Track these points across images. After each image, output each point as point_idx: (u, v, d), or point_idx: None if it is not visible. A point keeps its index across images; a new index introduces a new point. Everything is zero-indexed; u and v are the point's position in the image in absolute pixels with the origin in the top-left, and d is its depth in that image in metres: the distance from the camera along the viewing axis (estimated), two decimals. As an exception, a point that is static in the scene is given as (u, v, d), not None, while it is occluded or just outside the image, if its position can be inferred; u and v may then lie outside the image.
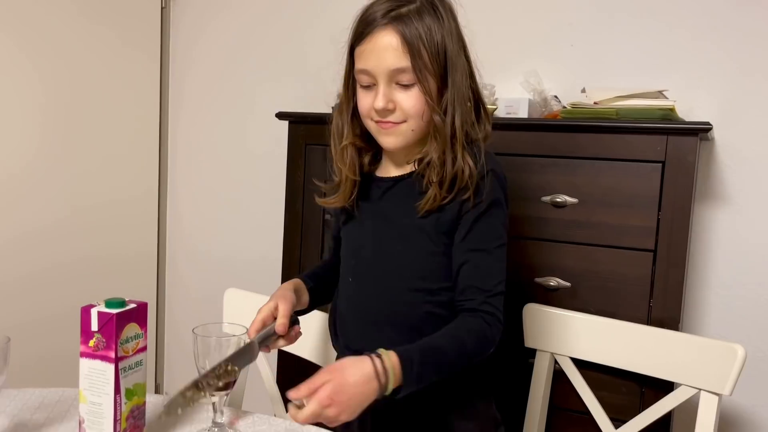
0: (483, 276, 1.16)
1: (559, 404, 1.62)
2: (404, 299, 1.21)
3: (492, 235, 1.18)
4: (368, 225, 1.26)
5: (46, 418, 1.25)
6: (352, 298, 1.29)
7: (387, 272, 1.23)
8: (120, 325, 1.05)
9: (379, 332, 1.23)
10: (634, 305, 1.53)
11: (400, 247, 1.21)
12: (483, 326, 1.13)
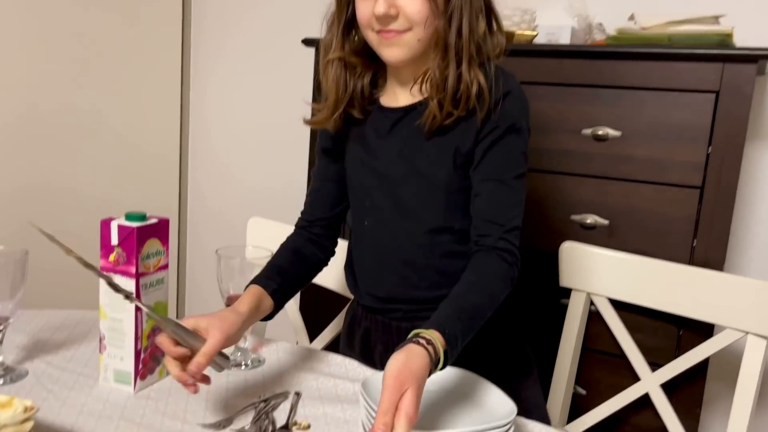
0: (498, 209, 1.07)
1: (591, 346, 1.57)
2: (425, 241, 1.14)
3: (508, 164, 1.07)
4: (380, 163, 1.15)
5: (66, 338, 1.22)
6: (369, 244, 1.21)
7: (405, 214, 1.14)
8: (141, 240, 1.00)
9: (401, 275, 1.17)
10: (676, 245, 1.46)
11: (416, 186, 1.12)
12: (505, 268, 1.05)
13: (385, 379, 0.79)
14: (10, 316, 1.03)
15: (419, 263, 1.15)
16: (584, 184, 1.54)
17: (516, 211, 1.08)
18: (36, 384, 1.03)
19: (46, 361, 1.12)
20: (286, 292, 1.13)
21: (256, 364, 1.16)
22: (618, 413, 1.43)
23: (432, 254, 1.14)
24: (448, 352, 0.88)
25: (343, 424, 0.98)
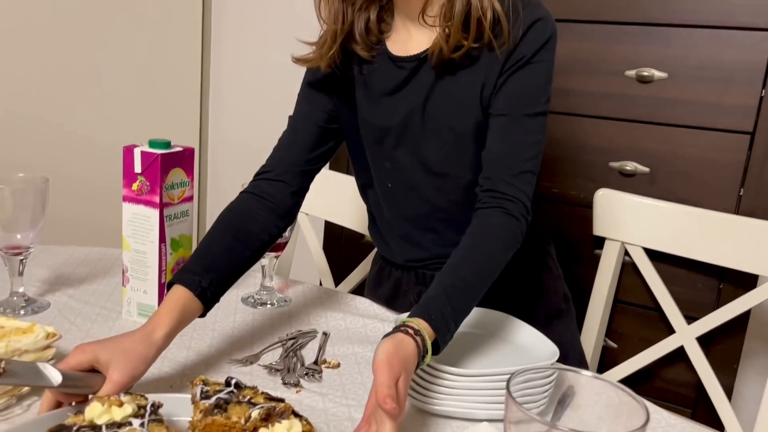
0: (508, 148, 0.95)
1: (623, 298, 1.52)
2: (461, 197, 1.04)
3: (525, 98, 0.95)
4: (397, 121, 1.03)
5: (88, 273, 1.20)
6: (397, 208, 1.12)
7: (434, 173, 1.04)
8: (165, 168, 0.95)
9: (438, 234, 1.10)
10: (721, 194, 1.39)
11: (443, 140, 1.02)
12: (509, 226, 0.92)
13: (376, 362, 0.71)
14: (30, 246, 1.00)
15: (458, 219, 1.04)
16: (625, 129, 1.46)
17: (530, 154, 0.95)
18: (58, 315, 1.01)
19: (68, 294, 1.09)
20: (221, 285, 0.90)
21: (282, 304, 1.13)
22: (649, 367, 1.39)
23: (469, 208, 1.00)
24: (438, 339, 0.78)
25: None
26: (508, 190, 0.93)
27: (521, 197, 0.93)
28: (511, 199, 0.93)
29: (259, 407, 0.64)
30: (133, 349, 0.76)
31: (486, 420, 0.80)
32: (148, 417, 0.63)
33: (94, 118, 2.19)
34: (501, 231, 0.92)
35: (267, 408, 0.64)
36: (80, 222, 2.10)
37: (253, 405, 0.65)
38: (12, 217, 0.97)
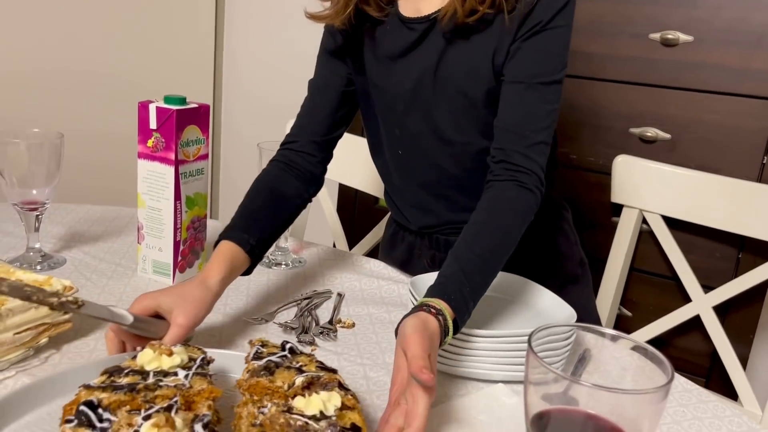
0: (523, 117, 0.91)
1: (639, 267, 1.50)
2: (475, 164, 1.02)
3: (542, 65, 0.91)
4: (407, 85, 1.00)
5: (104, 231, 1.20)
6: (409, 175, 1.10)
7: (445, 139, 1.02)
8: (180, 125, 0.94)
9: (451, 201, 1.08)
10: (744, 162, 1.36)
11: (453, 105, 0.99)
12: (523, 199, 0.89)
13: (406, 336, 0.68)
14: (46, 201, 1.00)
15: (470, 185, 1.02)
16: (646, 93, 1.43)
17: (544, 123, 0.92)
18: (74, 271, 1.01)
19: (83, 251, 1.09)
20: (265, 244, 0.94)
21: (296, 265, 1.13)
22: (664, 335, 1.38)
23: (482, 175, 0.97)
24: (458, 319, 0.75)
25: (388, 324, 0.94)
26: (522, 161, 0.90)
27: (535, 169, 0.90)
28: (525, 171, 0.90)
29: (304, 375, 0.62)
30: (192, 294, 0.80)
31: (501, 381, 0.79)
32: (194, 369, 0.63)
33: (108, 74, 2.17)
34: (516, 204, 0.89)
35: (310, 376, 0.62)
36: (95, 179, 2.10)
37: (302, 372, 0.63)
38: (27, 172, 0.97)
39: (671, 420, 0.76)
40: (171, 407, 0.57)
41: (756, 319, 1.41)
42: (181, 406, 0.58)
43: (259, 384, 0.62)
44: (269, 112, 2.41)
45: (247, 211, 0.95)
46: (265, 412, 0.57)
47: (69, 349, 0.79)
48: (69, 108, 2.07)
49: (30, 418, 0.65)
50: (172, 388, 0.60)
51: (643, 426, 0.48)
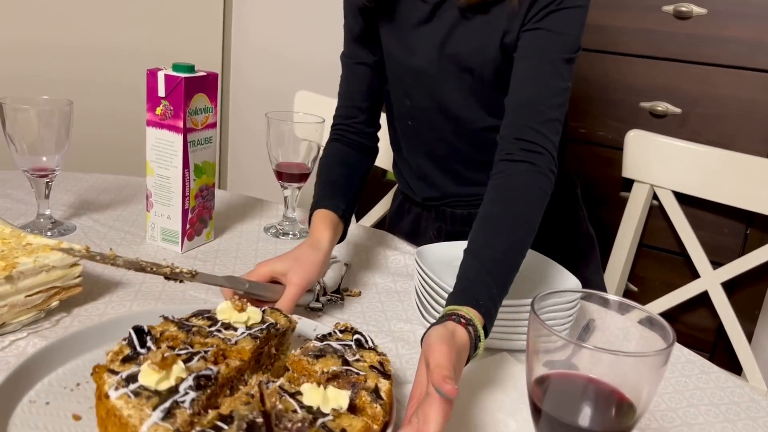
0: (538, 92, 0.89)
1: (648, 242, 1.50)
2: (481, 140, 1.02)
3: (558, 42, 0.89)
4: (416, 58, 1.00)
5: (113, 199, 1.21)
6: (416, 146, 1.10)
7: (451, 116, 1.02)
8: (189, 93, 0.94)
9: (456, 174, 1.08)
10: (755, 137, 1.35)
11: (460, 82, 0.98)
12: (542, 185, 0.86)
13: (431, 344, 0.63)
14: (56, 168, 1.00)
15: (477, 161, 1.03)
16: (658, 67, 1.42)
17: (558, 100, 0.89)
18: (84, 238, 1.02)
19: (93, 218, 1.10)
20: (350, 210, 1.00)
21: (304, 235, 1.13)
22: (670, 311, 1.39)
23: (492, 150, 0.94)
24: (487, 325, 0.71)
25: (394, 294, 0.95)
26: (536, 139, 0.87)
27: (549, 147, 0.87)
28: (540, 151, 0.87)
29: (337, 367, 0.61)
30: (305, 256, 0.85)
31: (506, 350, 0.80)
32: (252, 331, 0.65)
33: (117, 41, 2.16)
34: (533, 193, 0.85)
35: (337, 371, 0.61)
36: (104, 147, 2.10)
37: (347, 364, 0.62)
38: (37, 139, 0.97)
39: (673, 390, 0.77)
40: (196, 354, 0.60)
41: (762, 296, 1.41)
42: (211, 357, 0.61)
43: (300, 363, 0.63)
44: (278, 81, 2.39)
45: (328, 183, 1.01)
46: (270, 386, 0.57)
47: (79, 313, 0.80)
48: (78, 76, 2.06)
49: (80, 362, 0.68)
50: (217, 338, 0.64)
51: (643, 391, 0.48)
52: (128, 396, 0.54)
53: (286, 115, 1.12)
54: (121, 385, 0.55)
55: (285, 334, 0.70)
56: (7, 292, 0.72)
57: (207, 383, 0.57)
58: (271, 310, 0.71)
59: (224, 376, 0.60)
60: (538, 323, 0.49)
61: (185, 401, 0.54)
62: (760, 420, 0.72)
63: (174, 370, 0.56)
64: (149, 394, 0.54)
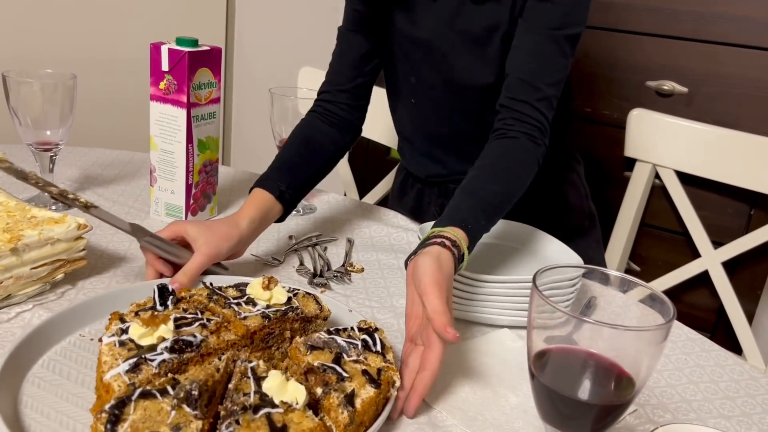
0: (540, 68, 0.90)
1: (650, 222, 1.50)
2: (482, 118, 1.02)
3: (564, 18, 0.89)
4: (426, 33, 0.99)
5: (117, 175, 1.21)
6: (419, 123, 1.11)
7: (457, 91, 1.02)
8: (192, 67, 0.94)
9: (460, 152, 1.08)
10: (762, 116, 1.34)
11: (470, 57, 0.98)
12: (531, 151, 0.89)
13: (425, 286, 0.66)
14: (60, 142, 1.00)
15: (482, 138, 1.00)
16: (664, 45, 1.40)
17: (557, 77, 0.91)
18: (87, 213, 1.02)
19: (97, 193, 1.11)
20: (298, 191, 0.96)
21: (307, 212, 1.14)
22: (671, 290, 1.39)
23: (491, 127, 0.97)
24: (470, 247, 0.76)
25: (397, 270, 0.95)
26: (532, 113, 0.90)
27: (543, 122, 0.90)
28: (535, 125, 0.90)
29: (319, 363, 0.59)
30: (219, 229, 0.83)
31: (507, 326, 0.81)
32: (271, 311, 0.66)
33: (120, 14, 2.15)
34: (526, 155, 0.89)
35: (313, 365, 0.59)
36: (108, 122, 2.10)
37: (338, 366, 0.59)
38: (41, 113, 0.97)
39: (673, 367, 0.77)
40: (199, 320, 0.63)
41: (764, 276, 1.42)
42: (213, 326, 0.63)
43: (292, 349, 0.63)
44: (282, 57, 2.38)
45: (281, 160, 0.97)
46: (252, 365, 0.57)
47: (84, 285, 0.80)
48: (81, 49, 2.05)
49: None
50: (231, 310, 0.65)
51: (642, 365, 0.49)
52: (114, 344, 0.58)
53: (290, 90, 1.11)
54: (117, 333, 0.59)
55: (310, 321, 0.69)
56: (12, 264, 0.72)
57: (185, 348, 0.59)
58: (303, 295, 0.71)
59: (211, 346, 0.61)
60: (541, 298, 0.50)
61: (155, 360, 0.57)
62: (758, 397, 0.73)
63: (160, 330, 0.59)
64: (131, 347, 0.58)
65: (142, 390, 0.51)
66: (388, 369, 0.61)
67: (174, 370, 0.58)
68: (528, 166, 0.89)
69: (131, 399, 0.50)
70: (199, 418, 0.50)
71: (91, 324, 0.70)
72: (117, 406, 0.50)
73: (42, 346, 0.65)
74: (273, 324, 0.66)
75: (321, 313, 0.69)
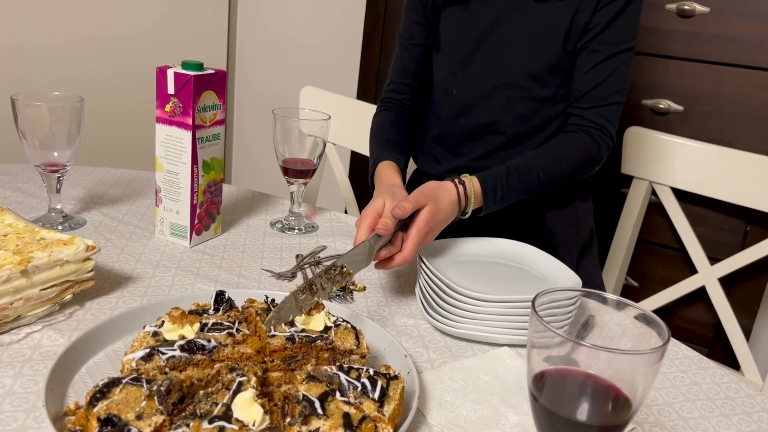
0: (601, 80, 1.03)
1: (647, 238, 1.52)
2: (525, 109, 1.09)
3: (622, 35, 1.03)
4: (482, 24, 1.08)
5: (122, 193, 1.22)
6: (454, 115, 1.15)
7: (504, 81, 1.09)
8: (198, 90, 0.96)
9: (486, 145, 1.13)
10: (757, 135, 1.36)
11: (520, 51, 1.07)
12: (588, 143, 1.03)
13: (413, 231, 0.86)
14: (67, 163, 1.02)
15: (511, 133, 1.11)
16: (660, 65, 1.43)
17: (621, 86, 1.04)
18: (94, 232, 1.04)
19: (102, 213, 1.12)
20: (406, 165, 1.11)
21: (309, 230, 1.15)
22: (669, 306, 1.40)
23: (528, 123, 1.10)
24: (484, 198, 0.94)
25: (398, 289, 0.96)
26: (595, 118, 1.03)
27: (608, 126, 1.04)
28: (598, 128, 1.03)
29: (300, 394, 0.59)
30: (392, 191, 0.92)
31: (507, 345, 0.82)
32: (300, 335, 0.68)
33: (125, 39, 2.17)
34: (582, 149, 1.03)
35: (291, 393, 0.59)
36: (114, 143, 2.12)
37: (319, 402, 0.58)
38: (49, 135, 0.99)
39: (671, 385, 0.79)
40: (228, 329, 0.68)
41: (761, 292, 1.43)
42: (240, 338, 0.67)
43: (296, 378, 0.65)
44: (283, 79, 2.41)
45: (385, 142, 1.12)
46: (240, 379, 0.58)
47: (92, 306, 0.82)
48: (89, 73, 2.08)
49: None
50: (264, 326, 0.68)
51: (639, 385, 0.50)
52: (148, 333, 0.66)
53: (293, 111, 1.13)
54: (157, 325, 0.67)
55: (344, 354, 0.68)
56: (22, 286, 0.74)
57: (196, 350, 0.64)
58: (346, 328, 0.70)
59: (224, 354, 0.65)
60: (538, 321, 0.51)
61: (166, 354, 0.62)
62: (754, 415, 0.74)
63: (185, 329, 0.65)
64: (159, 339, 0.64)
65: (134, 376, 0.56)
66: (377, 420, 0.58)
67: (180, 367, 0.63)
68: (576, 152, 1.03)
69: (122, 381, 0.56)
70: (161, 413, 0.54)
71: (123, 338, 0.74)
72: (108, 384, 0.55)
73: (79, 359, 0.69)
74: (296, 348, 0.67)
75: (357, 349, 0.68)
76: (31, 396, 0.64)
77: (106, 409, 0.53)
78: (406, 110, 1.21)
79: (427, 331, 0.85)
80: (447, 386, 0.73)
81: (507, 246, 0.97)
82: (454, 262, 0.92)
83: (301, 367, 0.67)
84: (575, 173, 1.03)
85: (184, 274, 0.93)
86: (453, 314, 0.82)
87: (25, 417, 0.61)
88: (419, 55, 1.18)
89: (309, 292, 0.73)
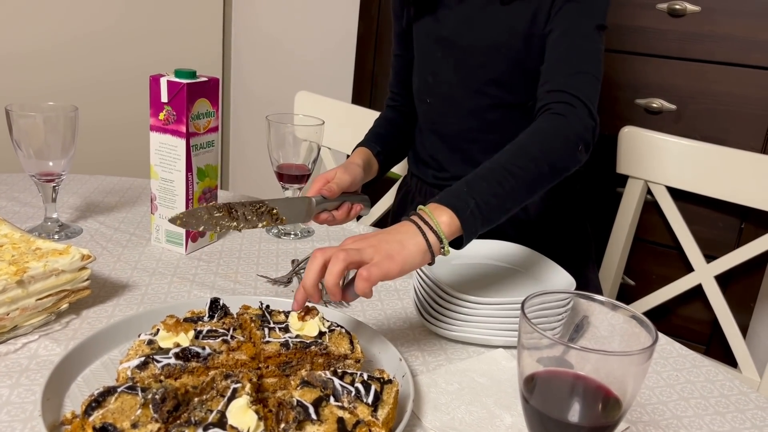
0: (566, 53, 0.94)
1: (643, 236, 1.52)
2: (496, 117, 1.08)
3: (587, 11, 0.95)
4: (447, 31, 1.08)
5: (118, 201, 1.23)
6: (430, 123, 1.17)
7: (472, 88, 1.08)
8: (191, 98, 0.96)
9: (465, 154, 1.13)
10: (749, 132, 1.37)
11: (486, 57, 1.05)
12: (556, 121, 0.87)
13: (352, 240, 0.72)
14: (62, 173, 1.03)
15: (488, 140, 1.10)
16: (653, 64, 1.43)
17: (591, 58, 0.94)
18: (90, 241, 1.05)
19: (98, 221, 1.13)
20: (388, 158, 1.15)
21: (305, 235, 1.16)
22: (666, 304, 1.41)
23: (499, 131, 1.07)
24: (457, 212, 0.74)
25: (394, 292, 0.97)
26: (568, 88, 0.90)
27: (581, 96, 0.89)
28: (571, 102, 0.89)
29: (289, 398, 0.59)
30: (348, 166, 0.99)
31: (501, 347, 0.83)
32: (294, 340, 0.68)
33: (119, 47, 2.18)
34: (560, 129, 0.87)
35: (285, 399, 0.60)
36: (109, 151, 2.13)
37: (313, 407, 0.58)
38: (44, 145, 1.00)
39: (665, 383, 0.79)
40: (222, 336, 0.68)
41: (757, 289, 1.44)
42: (234, 344, 0.68)
43: (290, 383, 0.65)
44: (279, 84, 2.42)
45: (371, 133, 1.18)
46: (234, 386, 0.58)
47: (88, 315, 0.82)
48: (83, 82, 2.09)
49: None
50: (261, 333, 0.69)
51: (629, 385, 0.51)
52: (143, 342, 0.66)
53: (287, 117, 1.14)
54: (152, 333, 0.68)
55: (338, 359, 0.68)
56: (18, 296, 0.74)
57: (191, 357, 0.64)
58: (341, 333, 0.70)
59: (219, 361, 0.65)
60: (527, 324, 0.52)
61: (161, 362, 0.62)
62: (748, 413, 0.75)
63: (179, 336, 0.65)
64: (154, 347, 0.65)
65: (129, 385, 0.56)
66: (371, 424, 0.58)
67: (175, 375, 0.63)
68: (566, 140, 0.87)
69: (117, 390, 0.56)
70: (156, 421, 0.54)
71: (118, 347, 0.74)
72: (103, 393, 0.56)
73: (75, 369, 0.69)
74: (290, 354, 0.67)
75: (352, 354, 0.68)
76: (28, 406, 0.64)
77: (102, 418, 0.54)
78: (408, 111, 1.25)
79: (423, 333, 0.85)
80: (442, 389, 0.73)
81: (502, 248, 0.98)
82: (450, 264, 0.93)
83: (296, 373, 0.67)
84: (558, 161, 0.85)
85: (181, 281, 0.93)
86: (448, 317, 0.82)
87: (22, 427, 0.61)
88: (401, 66, 1.22)
89: (227, 213, 0.76)
